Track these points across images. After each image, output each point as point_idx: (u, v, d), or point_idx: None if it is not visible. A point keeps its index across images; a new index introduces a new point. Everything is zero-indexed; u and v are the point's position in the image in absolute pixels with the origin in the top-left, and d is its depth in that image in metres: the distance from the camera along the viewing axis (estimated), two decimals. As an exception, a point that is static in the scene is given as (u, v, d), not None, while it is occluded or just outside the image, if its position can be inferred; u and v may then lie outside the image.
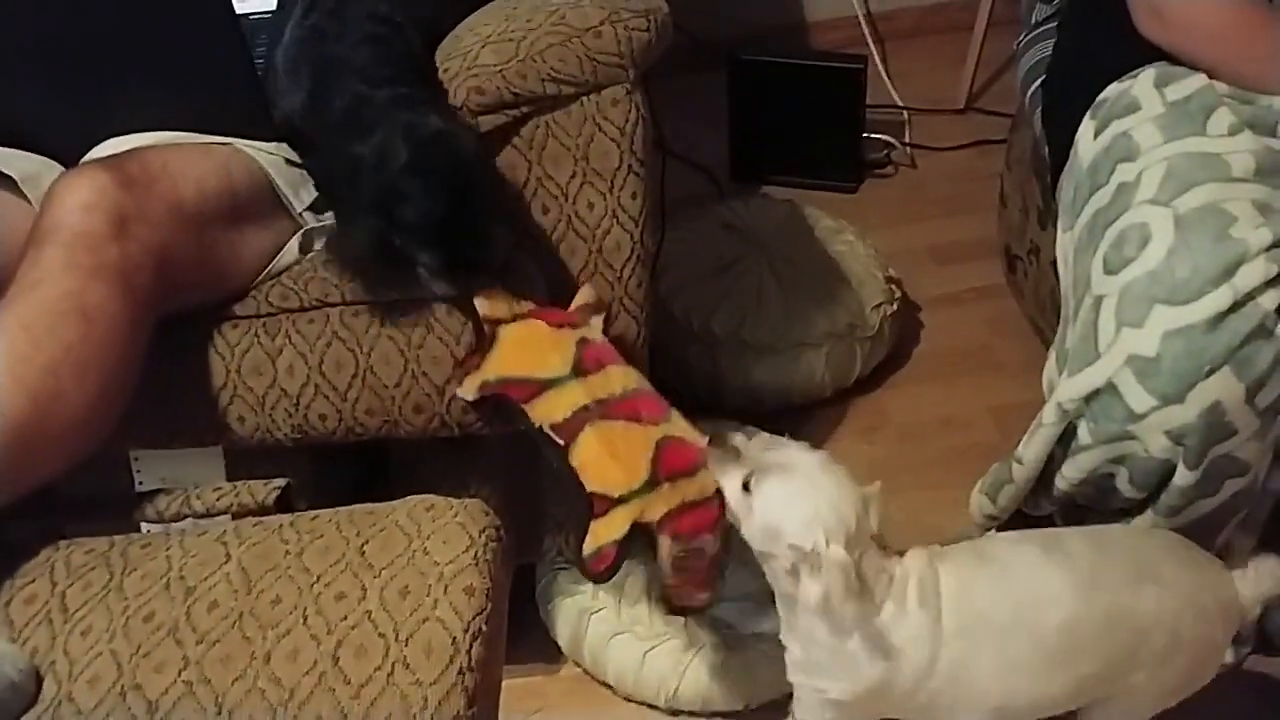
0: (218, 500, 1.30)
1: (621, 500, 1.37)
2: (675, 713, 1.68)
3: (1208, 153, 1.48)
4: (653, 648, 1.66)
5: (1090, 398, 1.47)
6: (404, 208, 1.34)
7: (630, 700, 1.70)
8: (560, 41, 1.47)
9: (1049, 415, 1.52)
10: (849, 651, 1.33)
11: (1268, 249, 1.40)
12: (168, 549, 1.19)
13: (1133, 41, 1.60)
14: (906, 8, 2.97)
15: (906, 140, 2.71)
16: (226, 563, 1.16)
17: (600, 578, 1.38)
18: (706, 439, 1.38)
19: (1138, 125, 1.54)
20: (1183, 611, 1.33)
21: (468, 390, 1.43)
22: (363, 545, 1.16)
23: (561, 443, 1.40)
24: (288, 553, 1.17)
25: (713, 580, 1.41)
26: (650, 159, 1.55)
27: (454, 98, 1.49)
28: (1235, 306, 1.38)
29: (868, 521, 1.31)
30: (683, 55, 2.66)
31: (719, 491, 1.36)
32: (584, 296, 1.52)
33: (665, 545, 1.38)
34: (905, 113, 2.76)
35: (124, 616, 1.12)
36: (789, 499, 1.30)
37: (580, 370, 1.43)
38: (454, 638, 1.07)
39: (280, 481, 1.32)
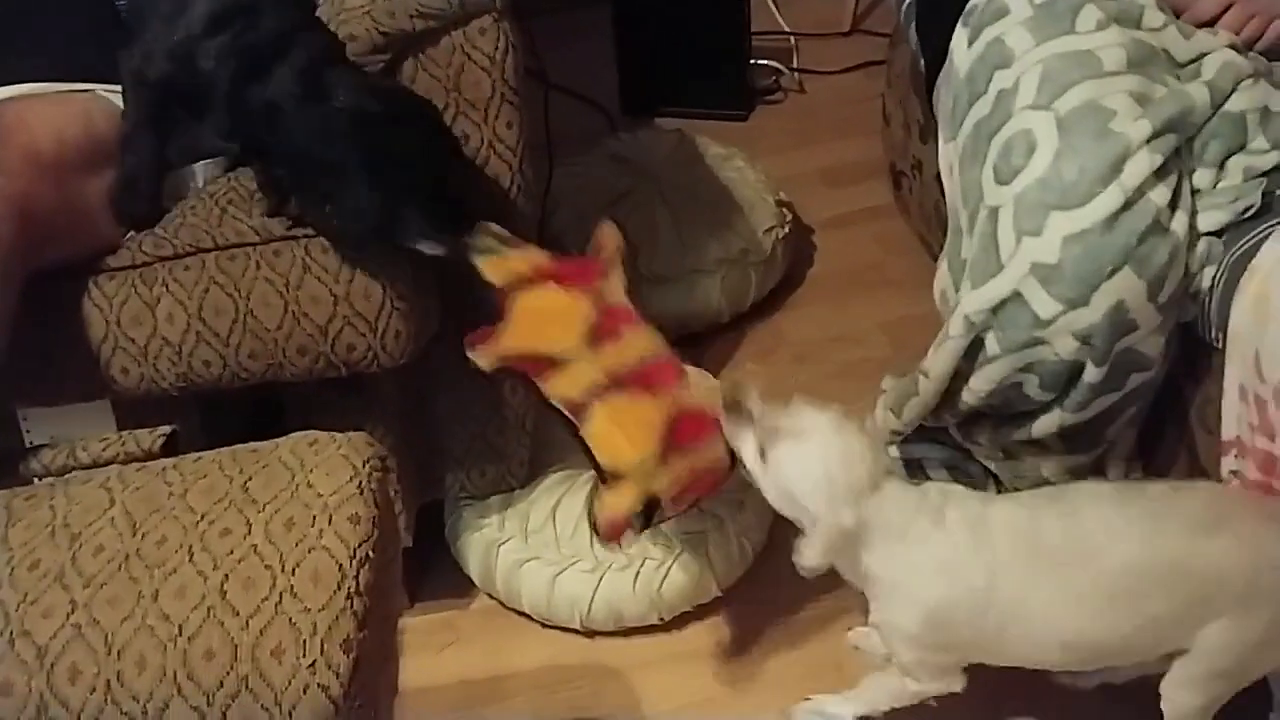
0: (104, 450, 1.29)
1: (630, 474, 1.39)
2: (592, 633, 1.71)
3: (1080, 50, 1.50)
4: (561, 571, 1.69)
5: (996, 308, 1.49)
6: (390, 166, 1.36)
7: (547, 626, 1.73)
8: (424, -25, 1.46)
9: (955, 328, 1.54)
10: (904, 581, 1.37)
11: (1149, 140, 1.43)
12: (51, 499, 1.19)
13: None
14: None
15: (794, 65, 2.73)
16: (111, 507, 1.16)
17: (610, 546, 1.42)
18: (721, 402, 1.38)
19: (1009, 30, 1.56)
20: (1260, 563, 1.29)
21: (485, 362, 1.44)
22: (246, 482, 1.16)
23: (574, 418, 1.41)
24: (171, 494, 1.17)
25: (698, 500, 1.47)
26: (524, 89, 1.55)
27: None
28: (1127, 205, 1.41)
29: (879, 462, 1.36)
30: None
31: (729, 451, 1.39)
32: (607, 237, 1.51)
33: (671, 508, 1.43)
34: (792, 38, 2.78)
35: (9, 567, 1.11)
36: (801, 464, 1.34)
37: (594, 340, 1.44)
38: (340, 564, 1.08)
39: (166, 429, 1.31)
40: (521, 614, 1.74)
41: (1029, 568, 1.35)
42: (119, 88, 1.47)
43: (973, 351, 1.54)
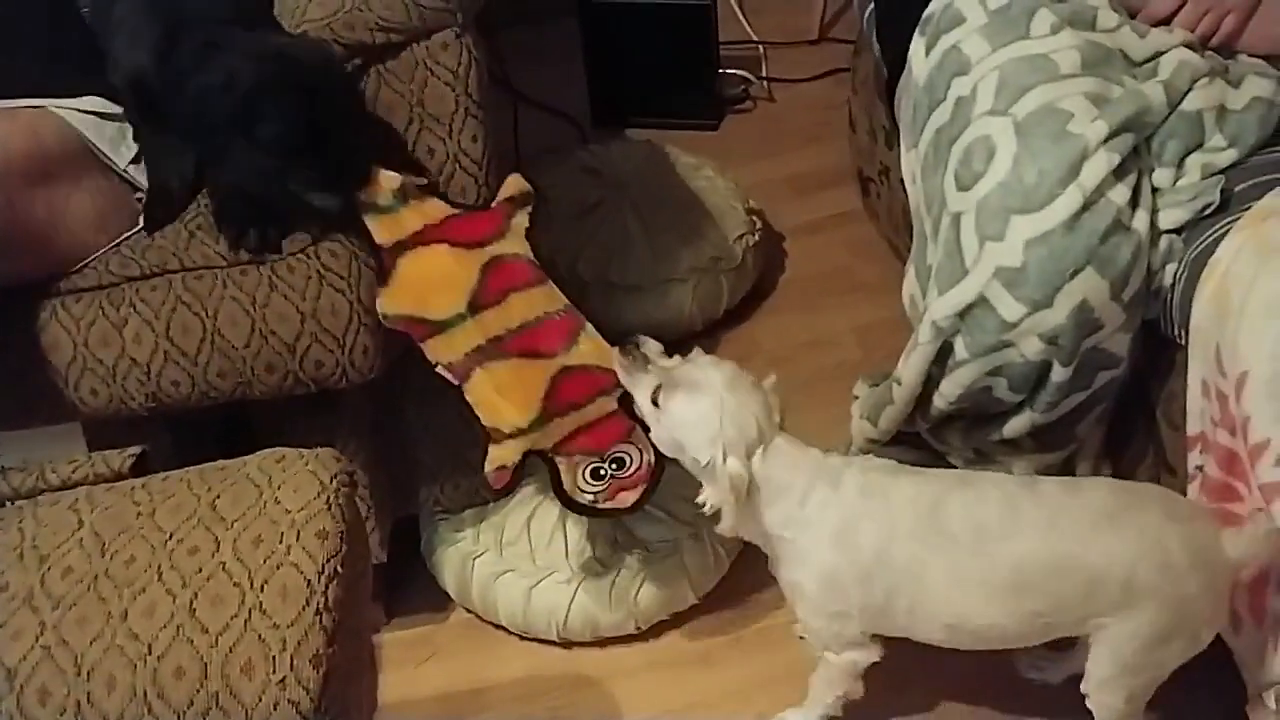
0: (73, 472, 1.29)
1: (512, 435, 1.42)
2: (569, 644, 1.71)
3: (1035, 54, 1.52)
4: (537, 583, 1.69)
5: (963, 313, 1.51)
6: (262, 126, 1.37)
7: (524, 638, 1.73)
8: (385, -10, 1.48)
9: (924, 334, 1.55)
10: (799, 543, 1.39)
11: (1106, 140, 1.45)
12: (20, 521, 1.19)
13: None
14: (756, -57, 3.00)
15: (763, 74, 2.74)
16: (79, 529, 1.16)
17: (499, 494, 1.46)
18: (617, 350, 1.41)
19: (965, 37, 1.57)
20: (1139, 561, 1.31)
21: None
22: (214, 500, 1.17)
23: (456, 382, 1.42)
24: (139, 514, 1.17)
25: (643, 479, 1.47)
26: (489, 103, 1.56)
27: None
28: (1087, 205, 1.43)
29: (772, 420, 1.38)
30: (538, 2, 2.69)
31: (628, 404, 1.41)
32: (510, 187, 1.52)
33: (563, 464, 1.44)
34: (761, 47, 2.79)
35: (-23, 591, 1.12)
36: (693, 415, 1.36)
37: (477, 305, 1.45)
38: (308, 580, 1.09)
39: (135, 449, 1.31)
40: (499, 627, 1.74)
41: (923, 546, 1.37)
42: (70, 102, 1.48)
43: (942, 356, 1.55)
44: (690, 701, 1.65)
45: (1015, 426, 1.59)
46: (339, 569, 1.11)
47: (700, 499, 1.38)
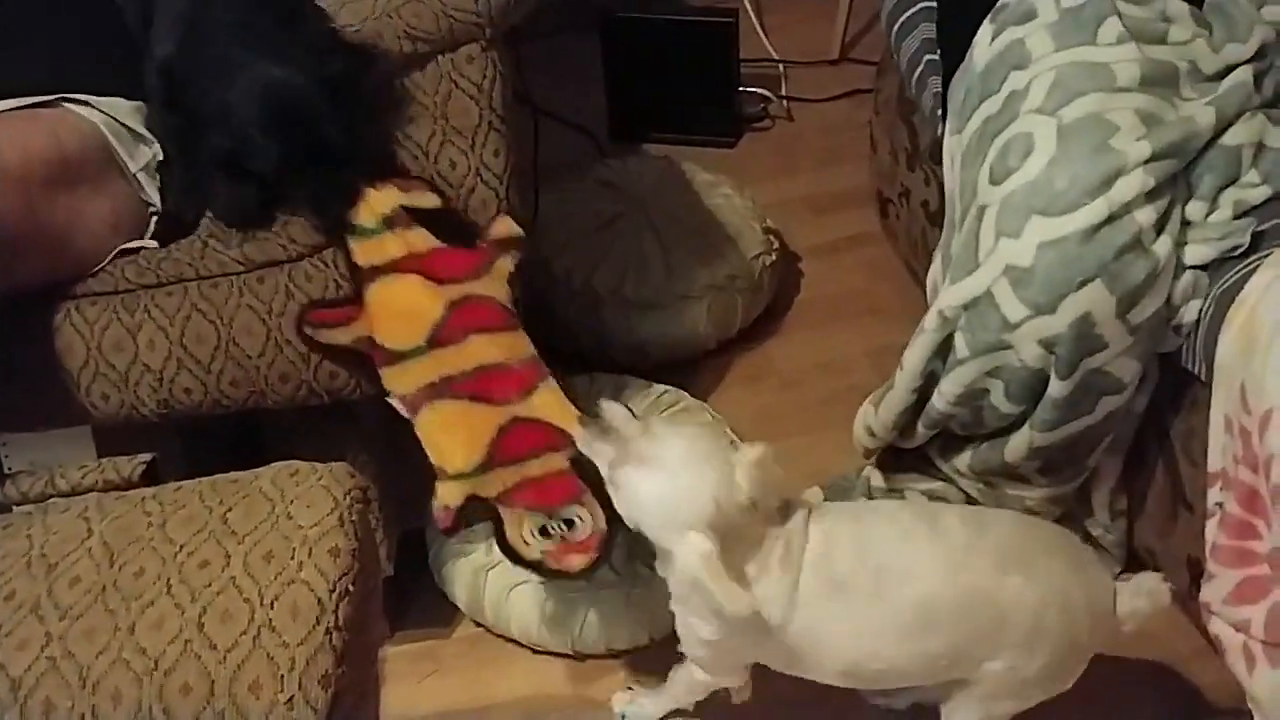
0: (83, 478, 1.28)
1: (455, 477, 1.41)
2: (582, 657, 1.70)
3: (1095, 62, 1.51)
4: (551, 596, 1.67)
5: (969, 306, 1.50)
6: (252, 161, 1.40)
7: (536, 651, 1.71)
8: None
9: (930, 322, 1.55)
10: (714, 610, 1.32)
11: (1146, 162, 1.44)
12: (29, 528, 1.17)
13: None
14: (779, -39, 2.99)
15: (783, 93, 2.73)
16: (89, 538, 1.15)
17: (446, 533, 1.45)
18: (577, 418, 1.36)
19: (1032, 32, 1.56)
20: (1047, 606, 1.31)
21: (336, 338, 1.45)
22: (226, 513, 1.15)
23: (407, 415, 1.43)
24: (150, 524, 1.15)
25: (592, 546, 1.44)
26: (512, 117, 1.55)
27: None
28: (1111, 219, 1.41)
29: (738, 495, 1.28)
30: (558, 16, 2.68)
31: (581, 466, 1.38)
32: (500, 229, 1.51)
33: (506, 515, 1.42)
34: (780, 66, 2.78)
35: (-16, 598, 1.10)
36: (646, 494, 1.30)
37: (436, 341, 1.44)
38: (319, 599, 1.07)
39: (146, 456, 1.30)
40: (509, 641, 1.72)
41: (826, 603, 1.32)
42: (91, 99, 1.48)
43: (944, 353, 1.54)
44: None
45: (1016, 447, 1.58)
46: (350, 587, 1.09)
47: (672, 578, 1.33)
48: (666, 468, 1.28)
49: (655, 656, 1.64)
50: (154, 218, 1.53)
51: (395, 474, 1.68)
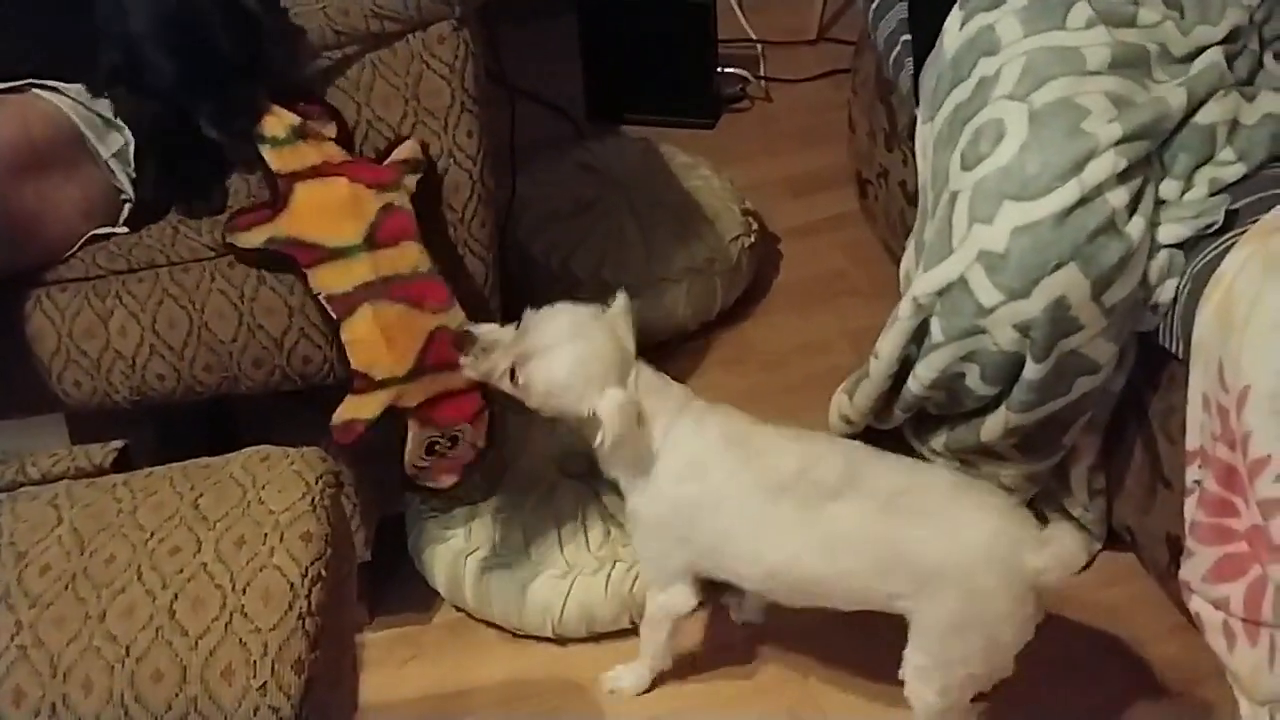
0: (54, 466, 1.26)
1: (381, 384, 1.40)
2: (563, 640, 1.69)
3: (1065, 46, 1.50)
4: (532, 578, 1.67)
5: (943, 292, 1.49)
6: (148, 73, 1.42)
7: (518, 636, 1.71)
8: (383, -23, 1.45)
9: (904, 309, 1.55)
10: (650, 472, 1.44)
11: (1117, 143, 1.43)
12: (-2, 517, 1.16)
13: None
14: (756, -58, 2.98)
15: (761, 74, 2.72)
16: (58, 525, 1.14)
17: (345, 448, 1.44)
18: (457, 344, 1.42)
19: (1001, 18, 1.56)
20: (933, 547, 1.38)
21: (252, 240, 1.44)
22: (197, 499, 1.14)
23: (335, 316, 1.41)
24: (120, 511, 1.14)
25: (468, 468, 1.48)
26: (486, 97, 1.54)
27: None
28: (1083, 201, 1.41)
29: (628, 344, 1.42)
30: (538, -3, 2.67)
31: (478, 383, 1.43)
32: (405, 150, 1.51)
33: (414, 429, 1.44)
34: (759, 46, 2.77)
35: (-48, 587, 1.09)
36: (556, 370, 1.39)
37: (373, 242, 1.44)
38: (292, 584, 1.06)
39: (118, 443, 1.29)
40: (490, 625, 1.72)
41: (760, 492, 1.42)
42: (59, 85, 1.46)
43: (920, 338, 1.54)
44: (677, 707, 1.62)
45: (992, 427, 1.58)
46: (323, 572, 1.09)
47: (596, 443, 1.40)
48: (562, 343, 1.39)
49: (636, 640, 1.63)
50: (126, 205, 1.52)
51: (371, 460, 1.66)
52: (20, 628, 1.06)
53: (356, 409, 1.41)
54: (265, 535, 1.10)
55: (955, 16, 1.62)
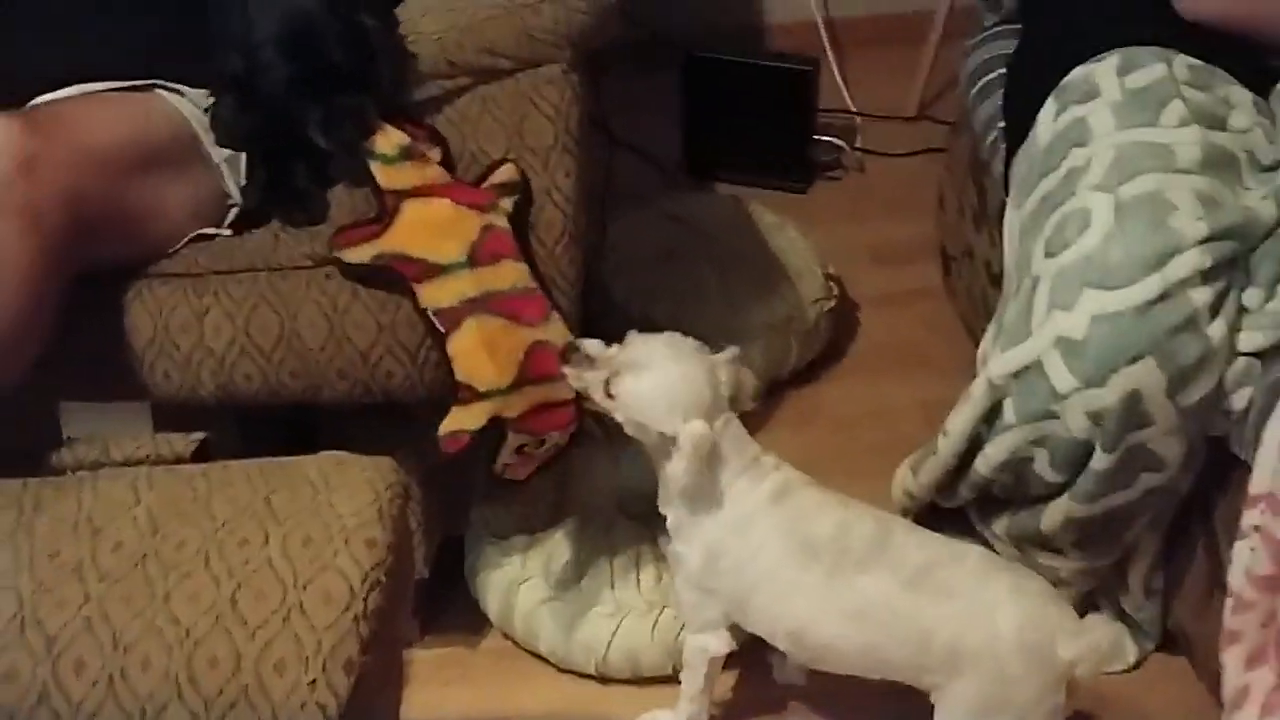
0: (136, 450, 1.31)
1: (485, 395, 1.44)
2: (606, 680, 1.71)
3: (1156, 142, 1.51)
4: (581, 615, 1.69)
5: (1018, 374, 1.50)
6: (266, 75, 1.47)
7: (562, 670, 1.72)
8: (500, 15, 1.51)
9: (978, 389, 1.55)
10: (699, 518, 1.46)
11: (1203, 241, 1.43)
12: (79, 492, 1.20)
13: (1101, 25, 1.64)
14: (866, 16, 3.01)
15: (857, 145, 2.74)
16: (135, 506, 1.18)
17: (451, 458, 1.48)
18: (560, 353, 1.47)
19: (1095, 111, 1.57)
20: (966, 630, 1.38)
21: (359, 255, 1.48)
22: (269, 495, 1.18)
23: (443, 329, 1.45)
24: (195, 499, 1.18)
25: (544, 466, 1.56)
26: (587, 141, 1.58)
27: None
28: (1165, 296, 1.41)
29: (722, 389, 1.44)
30: (642, 51, 2.72)
31: (577, 395, 1.47)
32: (502, 174, 1.55)
33: (512, 437, 1.49)
34: (857, 118, 2.80)
35: (30, 555, 1.13)
36: (645, 391, 1.42)
37: (475, 260, 1.48)
38: (351, 586, 1.09)
39: (199, 435, 1.33)
40: (535, 656, 1.74)
41: (792, 554, 1.44)
42: (184, 88, 1.52)
43: (991, 418, 1.54)
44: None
45: (1053, 516, 1.57)
46: (382, 579, 1.11)
47: (670, 469, 1.43)
48: (660, 365, 1.43)
49: (678, 687, 1.64)
50: (232, 209, 1.57)
51: (441, 479, 1.70)
52: (88, 600, 1.10)
53: (461, 420, 1.46)
54: (331, 537, 1.13)
55: (1049, 107, 1.64)
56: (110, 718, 1.05)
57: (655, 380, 1.43)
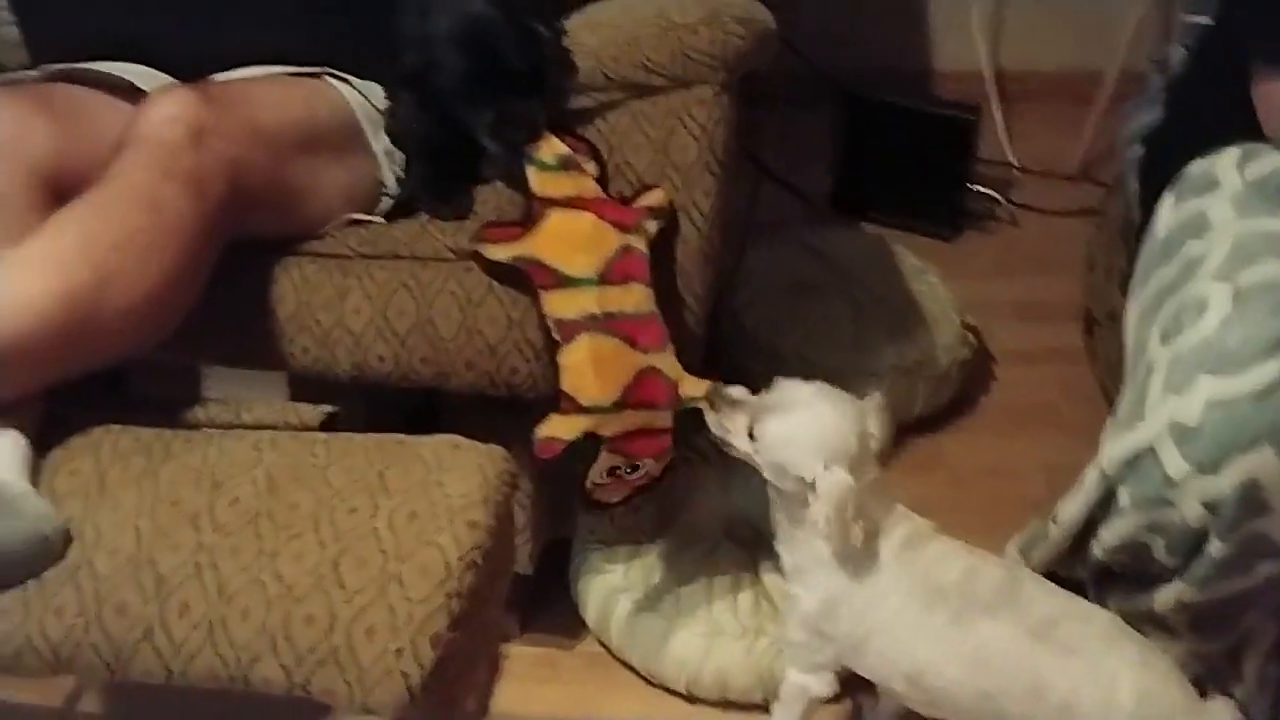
0: (266, 414, 1.37)
1: (586, 410, 1.45)
2: (694, 700, 1.71)
3: (1276, 231, 1.48)
4: (676, 631, 1.70)
5: (1131, 462, 1.47)
6: (439, 74, 1.51)
7: (651, 683, 1.73)
8: (658, 32, 1.54)
9: (1090, 478, 1.52)
10: (825, 563, 1.42)
11: None
12: (207, 447, 1.27)
13: (1237, 116, 1.61)
14: (1036, 70, 2.98)
15: (1012, 198, 2.71)
16: (256, 466, 1.23)
17: (543, 464, 1.49)
18: (704, 391, 1.45)
19: (1214, 204, 1.54)
20: (1082, 691, 1.35)
21: (499, 254, 1.51)
22: (384, 470, 1.22)
23: (559, 339, 1.48)
24: (315, 466, 1.23)
25: (635, 493, 1.54)
26: (730, 163, 1.60)
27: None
28: None
29: (869, 440, 1.40)
30: (801, 86, 2.74)
31: (674, 427, 1.48)
32: (651, 198, 1.58)
33: (605, 456, 1.48)
34: (1016, 171, 2.76)
35: (153, 500, 1.20)
36: (790, 434, 1.38)
37: (605, 278, 1.50)
38: (448, 563, 1.13)
39: (328, 408, 1.39)
40: (627, 666, 1.75)
41: (915, 598, 1.40)
42: (352, 79, 1.59)
43: (1106, 502, 1.51)
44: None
45: (1165, 598, 1.52)
46: (479, 560, 1.15)
47: (812, 516, 1.38)
48: (808, 407, 1.39)
49: (765, 716, 1.63)
50: (385, 199, 1.63)
51: (553, 481, 1.73)
52: (201, 548, 1.15)
53: (558, 427, 1.47)
54: (436, 514, 1.17)
55: (1168, 198, 1.61)
56: (207, 662, 1.10)
57: (801, 420, 1.38)
